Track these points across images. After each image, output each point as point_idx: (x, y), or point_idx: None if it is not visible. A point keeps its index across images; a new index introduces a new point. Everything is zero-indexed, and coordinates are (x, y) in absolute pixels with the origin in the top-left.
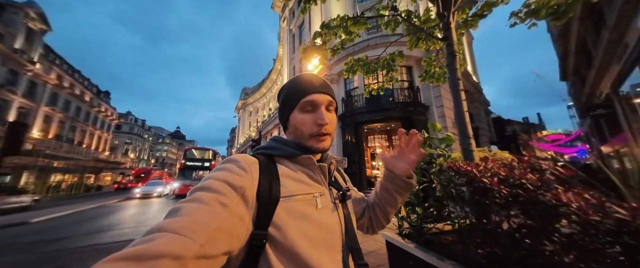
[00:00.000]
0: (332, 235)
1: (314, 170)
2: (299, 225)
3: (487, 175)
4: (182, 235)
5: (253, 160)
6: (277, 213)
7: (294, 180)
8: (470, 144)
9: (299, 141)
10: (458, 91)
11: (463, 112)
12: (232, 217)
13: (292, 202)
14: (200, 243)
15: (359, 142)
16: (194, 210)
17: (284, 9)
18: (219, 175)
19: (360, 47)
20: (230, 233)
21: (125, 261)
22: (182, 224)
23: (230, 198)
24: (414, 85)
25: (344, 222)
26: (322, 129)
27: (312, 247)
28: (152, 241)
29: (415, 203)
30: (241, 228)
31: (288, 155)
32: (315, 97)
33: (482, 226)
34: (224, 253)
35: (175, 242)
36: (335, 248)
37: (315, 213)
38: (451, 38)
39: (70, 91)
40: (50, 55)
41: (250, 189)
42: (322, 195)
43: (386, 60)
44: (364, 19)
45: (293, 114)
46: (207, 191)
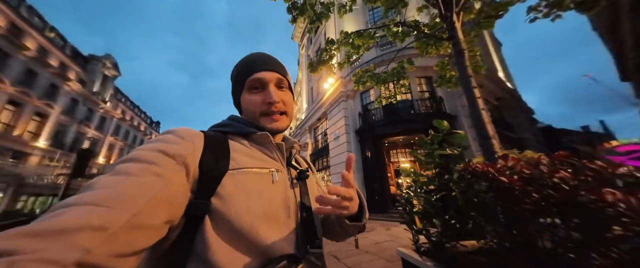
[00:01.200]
0: (285, 212)
1: (270, 148)
2: (247, 197)
3: (507, 174)
4: (103, 206)
5: (195, 132)
6: (223, 184)
7: (246, 156)
8: (493, 145)
9: (252, 122)
10: (470, 88)
11: (479, 110)
12: (172, 186)
13: (243, 174)
14: (132, 212)
15: (380, 157)
16: (117, 182)
17: (302, 37)
18: (152, 146)
19: (374, 63)
20: (170, 203)
21: (23, 237)
22: (100, 196)
23: (165, 167)
24: (435, 95)
25: (300, 200)
26: (272, 107)
27: (261, 221)
28: (61, 215)
29: (433, 214)
30: (183, 198)
31: (242, 132)
32: (262, 75)
33: (514, 240)
34: (165, 222)
35: (95, 213)
36: (287, 225)
37: (269, 187)
38: (456, 36)
39: (130, 123)
40: (118, 94)
41: (191, 157)
42: (279, 171)
43: (395, 69)
44: (369, 32)
45: (242, 95)
46: (135, 162)
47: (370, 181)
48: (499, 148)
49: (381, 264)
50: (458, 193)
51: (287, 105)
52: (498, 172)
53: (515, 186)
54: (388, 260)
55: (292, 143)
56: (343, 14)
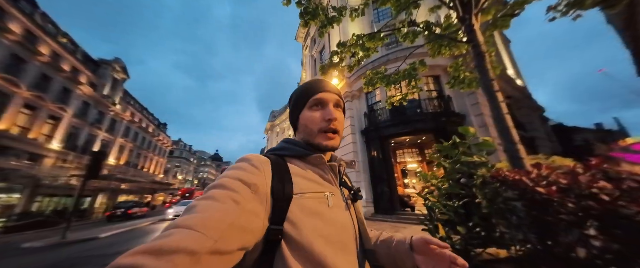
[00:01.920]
0: (346, 234)
1: (324, 169)
2: (313, 223)
3: (543, 185)
4: (196, 231)
5: (265, 159)
6: (292, 210)
7: (305, 179)
8: (518, 151)
9: (309, 139)
10: (493, 93)
11: (503, 115)
12: (246, 213)
13: (304, 199)
14: (215, 239)
15: (387, 157)
16: (207, 207)
17: (306, 38)
18: (232, 174)
19: (380, 63)
20: (244, 230)
21: (143, 255)
22: (196, 221)
23: (243, 195)
24: (443, 94)
25: (358, 223)
26: (330, 125)
27: (327, 246)
28: (170, 236)
29: (457, 221)
30: (256, 224)
31: (298, 155)
32: (324, 95)
33: (547, 251)
34: (239, 249)
35: (191, 238)
36: (349, 249)
37: (328, 211)
38: (476, 40)
39: (139, 125)
40: (127, 97)
41: (263, 186)
42: (334, 194)
43: (407, 71)
44: (380, 34)
45: (303, 112)
46: (221, 189)
47: (377, 182)
48: (526, 154)
49: None
50: (483, 200)
51: (340, 124)
52: (533, 181)
53: (554, 198)
54: None
55: (339, 161)
56: (355, 18)
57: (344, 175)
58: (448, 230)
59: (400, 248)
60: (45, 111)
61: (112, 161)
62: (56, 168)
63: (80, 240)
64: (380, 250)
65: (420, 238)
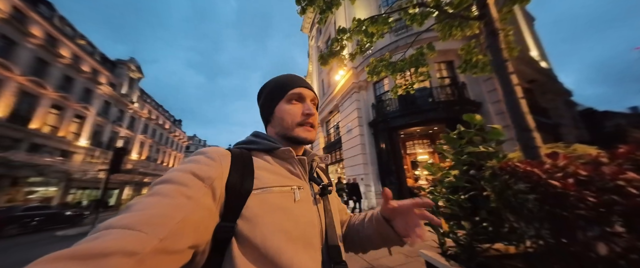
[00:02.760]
0: (311, 230)
1: (293, 163)
2: (273, 218)
3: (558, 176)
4: (135, 230)
5: (224, 152)
6: (248, 206)
7: (270, 173)
8: (533, 139)
9: (285, 132)
10: (506, 75)
11: (516, 99)
12: (199, 209)
13: (266, 193)
14: (160, 237)
15: (396, 149)
16: (152, 203)
17: (311, 29)
18: (184, 167)
19: (389, 50)
20: (197, 227)
21: (67, 260)
22: (135, 219)
23: (196, 189)
24: (457, 81)
25: (325, 218)
26: (308, 119)
27: (287, 242)
28: (100, 238)
29: (461, 216)
30: (209, 221)
31: (266, 148)
32: (303, 90)
33: (562, 248)
34: (189, 247)
35: (128, 238)
36: (313, 245)
37: (292, 206)
38: (489, 15)
39: (156, 122)
40: (143, 95)
41: (219, 180)
42: (301, 188)
43: (413, 56)
44: (384, 17)
45: (279, 105)
46: (168, 184)
47: (386, 174)
48: (541, 142)
49: (400, 259)
50: (491, 193)
51: (316, 120)
52: (546, 173)
53: (570, 192)
54: (407, 255)
55: (312, 156)
56: (355, 1)
57: (316, 169)
58: (452, 224)
59: (379, 222)
60: (70, 110)
61: (134, 156)
62: (85, 163)
63: None
64: (368, 231)
65: (384, 206)
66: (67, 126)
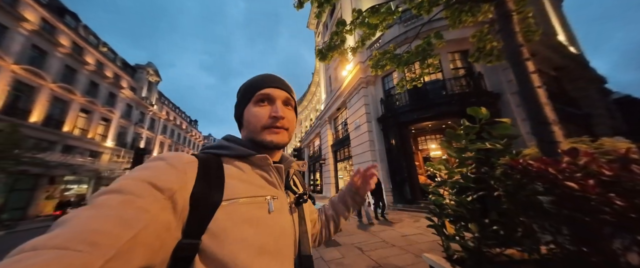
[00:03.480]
0: (284, 241)
1: (268, 171)
2: (242, 232)
3: (578, 176)
4: (72, 250)
5: (190, 158)
6: (216, 219)
7: (242, 182)
8: (552, 133)
9: (252, 136)
10: (521, 61)
11: (533, 88)
12: (155, 224)
13: (236, 205)
14: (106, 258)
15: (406, 145)
16: (93, 218)
17: (317, 25)
18: (138, 175)
19: (397, 43)
20: (151, 245)
21: None
22: (71, 236)
23: (151, 201)
24: (473, 71)
25: (299, 227)
26: (276, 123)
27: (259, 256)
28: (24, 262)
29: (469, 218)
30: (167, 238)
31: (240, 154)
32: (271, 91)
33: (583, 257)
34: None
35: (62, 260)
36: (285, 255)
37: (266, 217)
38: None
39: (174, 122)
40: (161, 98)
41: (181, 191)
42: (276, 197)
43: (420, 47)
44: (388, 7)
45: (247, 107)
46: (118, 194)
47: (395, 171)
48: (562, 137)
49: (409, 259)
50: (503, 194)
51: (290, 123)
52: (562, 173)
53: (590, 195)
54: (416, 254)
55: (289, 163)
56: None
57: (292, 176)
58: (458, 227)
59: (349, 193)
60: (97, 114)
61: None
62: (112, 163)
63: None
64: (340, 207)
65: (351, 179)
66: (95, 128)
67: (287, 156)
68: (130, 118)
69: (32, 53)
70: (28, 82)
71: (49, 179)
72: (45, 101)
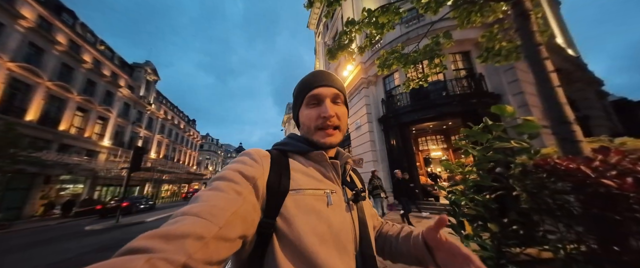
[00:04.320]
0: (344, 236)
1: (326, 166)
2: (307, 220)
3: (612, 175)
4: (202, 218)
5: (265, 153)
6: (286, 205)
7: (304, 175)
8: (573, 132)
9: (307, 136)
10: (540, 60)
11: (553, 87)
12: (246, 204)
13: (301, 195)
14: (219, 225)
15: (407, 145)
16: (212, 196)
17: (318, 25)
18: (233, 167)
19: (399, 42)
20: (244, 219)
21: (155, 239)
22: (202, 208)
23: (243, 186)
24: (474, 72)
25: (358, 225)
26: (327, 122)
27: (320, 244)
28: (177, 223)
29: (487, 217)
30: (254, 215)
31: (300, 150)
32: (319, 91)
33: (613, 256)
34: (239, 236)
35: (198, 223)
36: (347, 251)
37: (326, 210)
38: None
39: (172, 122)
40: (159, 97)
41: (260, 179)
42: (334, 192)
43: (428, 46)
44: (395, 6)
45: (301, 109)
46: (223, 180)
47: None
48: (583, 136)
49: None
50: (522, 193)
51: (341, 119)
52: (596, 171)
53: (629, 193)
54: None
55: (346, 158)
56: None
57: (349, 172)
58: (476, 226)
59: (418, 248)
60: (94, 112)
61: (153, 155)
62: (109, 162)
63: (130, 223)
64: (402, 248)
65: (428, 229)
66: (91, 127)
67: (343, 152)
68: (128, 117)
69: (29, 50)
70: (24, 79)
71: (44, 178)
72: (42, 99)
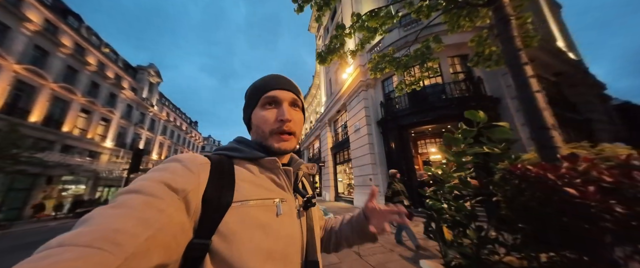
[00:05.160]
0: (292, 247)
1: (278, 174)
2: (251, 236)
3: (577, 182)
4: (95, 247)
5: (203, 160)
6: (226, 221)
7: (252, 185)
8: (551, 138)
9: (260, 140)
10: (519, 65)
11: (531, 93)
12: (170, 224)
13: (247, 207)
14: (124, 256)
15: (405, 148)
16: (113, 217)
17: (318, 28)
18: (155, 176)
19: (396, 46)
20: (167, 245)
21: None
22: (95, 235)
23: (168, 202)
24: (473, 75)
25: (306, 232)
26: (283, 126)
27: (266, 261)
28: (48, 258)
29: (466, 223)
30: (181, 237)
31: (249, 157)
32: (278, 93)
33: (584, 266)
34: (156, 266)
35: (87, 258)
36: (292, 261)
37: (274, 221)
38: None
39: (174, 123)
40: (162, 99)
41: (194, 192)
42: (285, 200)
43: (419, 50)
44: (387, 11)
45: (254, 111)
46: (137, 194)
47: None
48: (562, 142)
49: (408, 265)
50: (501, 199)
51: (297, 125)
52: (562, 178)
53: (590, 202)
54: (415, 261)
55: (298, 165)
56: None
57: (301, 179)
58: (456, 233)
59: (360, 221)
60: (97, 114)
61: (154, 156)
62: (111, 163)
63: None
64: (345, 231)
65: (366, 206)
66: (94, 128)
67: (296, 158)
68: (131, 118)
69: (34, 53)
70: (29, 81)
71: (46, 179)
72: (46, 101)
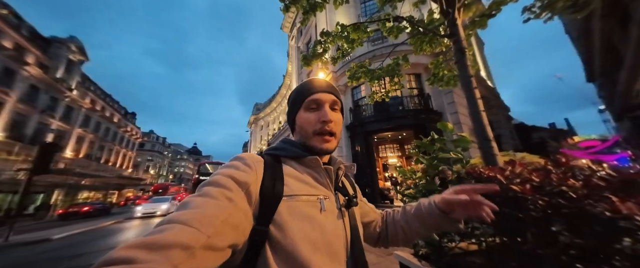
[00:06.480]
0: (336, 242)
1: (319, 172)
2: (301, 226)
3: (517, 182)
4: (190, 226)
5: (258, 158)
6: (279, 211)
7: (298, 181)
8: (492, 148)
9: (304, 141)
10: (471, 89)
11: (479, 111)
12: (238, 211)
13: (295, 201)
14: (208, 234)
15: (370, 152)
16: (202, 203)
17: (292, 28)
18: (225, 172)
19: (366, 58)
20: (236, 227)
21: (139, 249)
22: (191, 216)
23: (235, 193)
24: (423, 92)
25: (350, 231)
26: (325, 126)
27: (314, 251)
28: (164, 231)
29: None
30: (245, 223)
31: (294, 155)
32: (319, 96)
33: (517, 246)
34: (229, 246)
35: (185, 233)
36: (338, 257)
37: (319, 216)
38: (458, 34)
39: (101, 113)
40: (86, 82)
41: (254, 185)
42: (327, 198)
43: (390, 66)
44: (365, 25)
45: (299, 113)
46: (214, 186)
47: (361, 176)
48: (498, 151)
49: (371, 259)
50: None
51: (337, 126)
52: (507, 179)
53: (527, 196)
54: (378, 255)
55: (338, 164)
56: (338, 5)
57: (342, 178)
58: None
59: (433, 214)
60: None
61: (69, 153)
62: None
63: (27, 242)
64: (415, 224)
65: (441, 199)
66: None
67: (335, 157)
68: (35, 103)
69: None
70: None
71: None
72: None
